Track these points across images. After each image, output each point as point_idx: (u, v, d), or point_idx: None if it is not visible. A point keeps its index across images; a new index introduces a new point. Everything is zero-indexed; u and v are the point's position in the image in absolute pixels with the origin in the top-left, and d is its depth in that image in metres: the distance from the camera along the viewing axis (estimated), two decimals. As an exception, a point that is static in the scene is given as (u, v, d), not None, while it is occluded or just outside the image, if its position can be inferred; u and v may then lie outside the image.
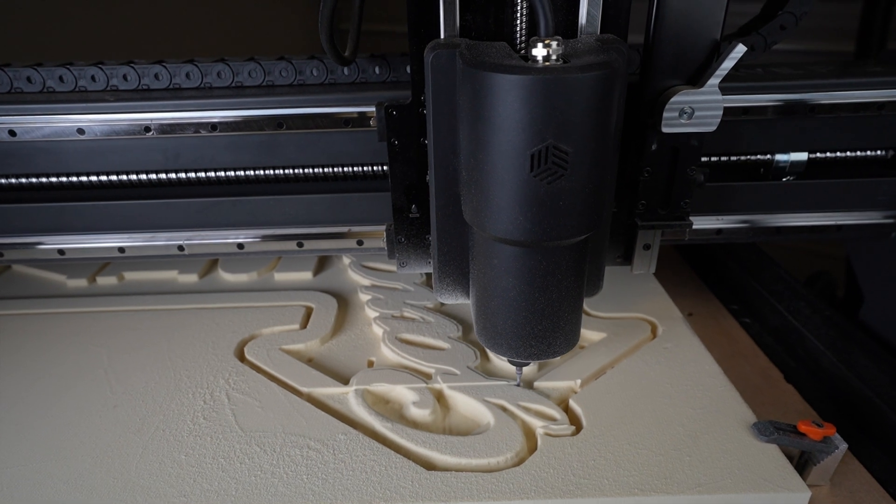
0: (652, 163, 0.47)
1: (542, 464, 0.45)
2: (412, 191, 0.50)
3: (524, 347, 0.44)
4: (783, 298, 0.69)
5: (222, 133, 0.54)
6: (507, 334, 0.44)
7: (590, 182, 0.36)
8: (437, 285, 0.50)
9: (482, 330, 0.46)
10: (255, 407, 0.51)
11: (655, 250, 0.53)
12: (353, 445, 0.47)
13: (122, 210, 0.58)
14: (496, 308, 0.43)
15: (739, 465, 0.44)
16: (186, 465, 0.45)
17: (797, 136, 0.56)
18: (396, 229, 0.52)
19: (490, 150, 0.36)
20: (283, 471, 0.45)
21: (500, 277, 0.41)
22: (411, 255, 0.54)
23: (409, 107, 0.47)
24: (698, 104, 0.43)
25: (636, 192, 0.49)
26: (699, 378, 0.54)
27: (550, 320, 0.43)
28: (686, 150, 0.47)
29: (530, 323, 0.42)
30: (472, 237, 0.44)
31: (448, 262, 0.48)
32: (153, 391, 0.53)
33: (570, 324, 0.44)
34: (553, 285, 0.41)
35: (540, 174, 0.35)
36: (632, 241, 0.53)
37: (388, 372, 0.55)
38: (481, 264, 0.43)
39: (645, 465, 0.44)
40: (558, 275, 0.41)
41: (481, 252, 0.42)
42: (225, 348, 0.59)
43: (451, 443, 0.47)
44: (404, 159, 0.49)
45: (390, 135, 0.48)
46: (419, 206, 0.51)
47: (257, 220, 0.59)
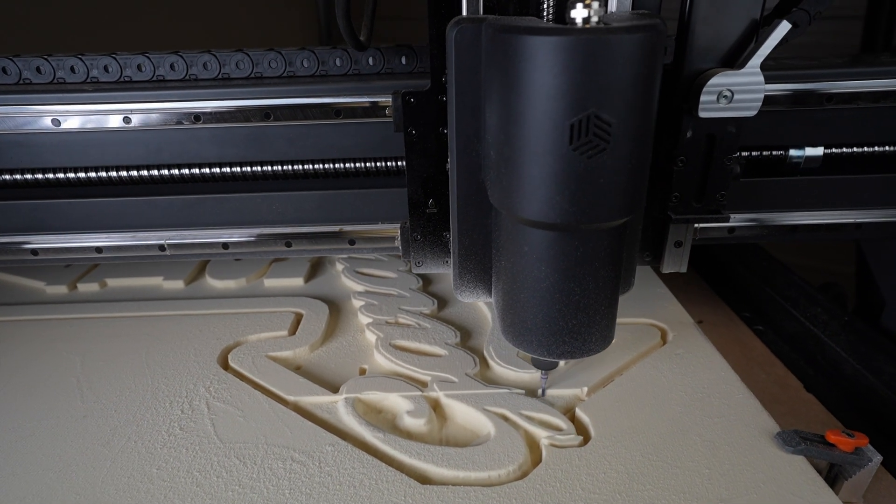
0: (686, 151, 0.44)
1: (548, 477, 0.41)
2: (430, 184, 0.47)
3: (557, 344, 0.40)
4: (798, 304, 0.66)
5: (207, 125, 0.51)
6: (537, 330, 0.40)
7: (632, 158, 0.33)
8: (457, 282, 0.47)
9: (509, 326, 0.42)
10: (236, 417, 0.47)
11: (688, 247, 0.49)
12: (341, 458, 0.43)
13: (99, 208, 0.54)
14: (526, 301, 0.40)
15: (765, 479, 0.40)
16: (158, 480, 0.41)
17: (812, 129, 0.53)
18: (412, 226, 0.49)
19: (525, 122, 0.33)
20: (263, 485, 0.41)
21: (531, 266, 0.38)
22: (427, 254, 0.50)
23: (428, 94, 0.44)
24: (738, 87, 0.40)
25: (669, 184, 0.46)
26: (715, 385, 0.50)
27: (586, 314, 0.39)
28: (723, 138, 0.44)
29: (564, 317, 0.39)
30: (498, 225, 0.41)
31: (469, 256, 0.45)
32: (127, 400, 0.50)
33: (606, 318, 0.40)
34: (589, 275, 0.37)
35: (580, 147, 0.32)
36: (662, 237, 0.49)
37: (381, 380, 0.52)
38: (510, 253, 0.40)
39: (660, 479, 0.40)
40: (595, 263, 0.37)
41: (510, 239, 0.39)
42: (207, 356, 0.56)
43: (448, 455, 0.43)
44: (422, 150, 0.46)
45: (407, 124, 0.45)
46: (437, 201, 0.48)
47: (244, 218, 0.55)
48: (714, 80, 0.40)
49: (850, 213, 0.55)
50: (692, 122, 0.43)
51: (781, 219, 0.55)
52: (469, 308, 0.64)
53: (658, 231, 0.49)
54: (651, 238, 0.50)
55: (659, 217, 0.48)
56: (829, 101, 0.50)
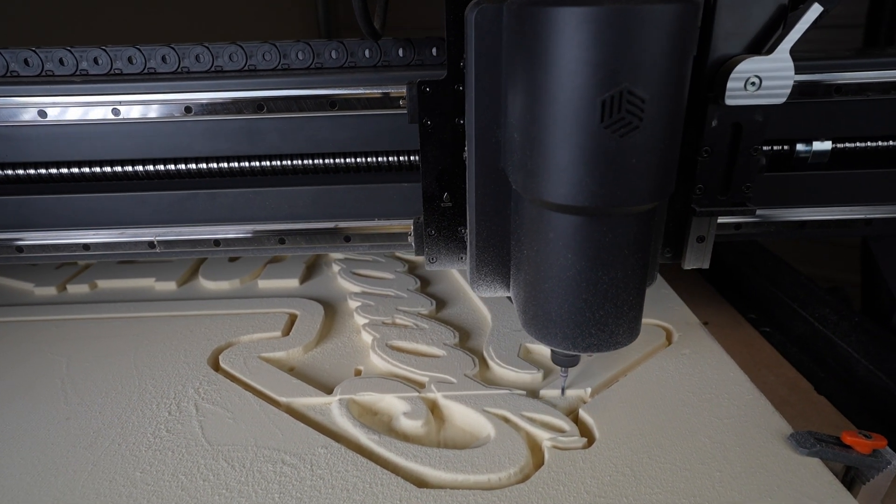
0: (711, 141, 0.43)
1: (551, 480, 0.39)
2: (445, 177, 0.46)
3: (582, 337, 0.38)
4: (807, 305, 0.64)
5: (198, 118, 0.50)
6: (562, 322, 0.38)
7: (665, 137, 0.32)
8: (474, 276, 0.45)
9: (532, 319, 0.40)
10: (225, 419, 0.45)
11: (710, 243, 0.47)
12: (334, 460, 0.41)
13: (87, 203, 0.53)
14: (550, 291, 0.38)
15: (779, 482, 0.38)
16: (141, 484, 0.39)
17: (820, 122, 0.52)
18: (427, 220, 0.47)
19: (553, 100, 0.31)
20: (251, 489, 0.39)
21: (556, 254, 0.36)
22: (442, 250, 0.49)
23: (444, 83, 0.43)
24: (767, 73, 0.38)
25: (693, 176, 0.44)
26: (723, 385, 0.48)
27: (614, 304, 0.37)
28: (750, 127, 0.42)
29: (591, 307, 0.37)
30: (520, 212, 0.39)
31: (487, 248, 0.43)
32: (113, 402, 0.48)
33: (634, 310, 0.39)
34: (618, 262, 0.36)
35: (611, 125, 0.30)
36: (683, 232, 0.47)
37: (377, 381, 0.50)
38: (533, 241, 0.38)
39: (669, 482, 0.38)
40: (624, 250, 0.35)
41: (534, 227, 0.37)
42: (198, 357, 0.54)
43: (446, 457, 0.41)
44: (438, 141, 0.44)
45: (423, 114, 0.44)
46: (452, 195, 0.46)
47: (236, 214, 0.54)
48: (742, 66, 0.38)
49: (859, 209, 0.53)
50: (717, 111, 0.42)
51: (789, 215, 0.53)
52: (468, 309, 0.63)
53: (679, 226, 0.47)
54: (672, 233, 0.48)
55: (681, 210, 0.46)
56: (838, 91, 0.49)
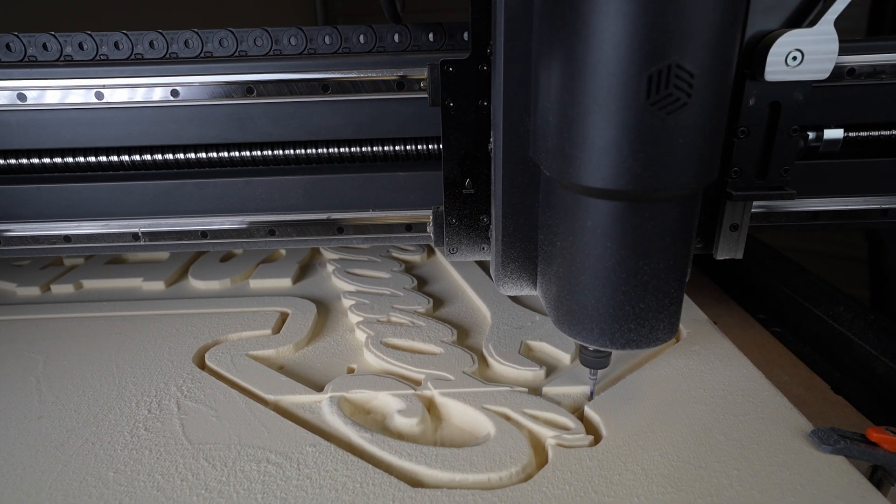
0: (748, 121, 0.41)
1: (556, 479, 0.36)
2: (467, 162, 0.44)
3: (621, 332, 0.36)
4: (819, 303, 0.62)
5: (185, 102, 0.48)
6: (599, 316, 0.36)
7: (713, 116, 0.30)
8: (499, 273, 0.43)
9: (566, 314, 0.38)
10: (208, 416, 0.43)
11: (744, 231, 0.44)
12: (323, 459, 0.38)
13: (68, 193, 0.51)
14: (587, 284, 0.35)
15: (802, 481, 0.35)
16: (114, 484, 0.36)
17: (831, 108, 0.50)
18: (447, 209, 0.45)
19: (594, 76, 0.29)
20: (232, 489, 0.36)
21: (594, 244, 0.34)
22: (463, 240, 0.46)
23: (468, 63, 0.41)
24: (809, 46, 0.36)
25: (728, 158, 0.42)
26: (737, 382, 0.45)
27: (654, 297, 0.35)
28: (789, 105, 0.40)
29: (630, 300, 0.35)
30: (552, 203, 0.37)
31: (513, 243, 0.41)
32: (90, 400, 0.45)
33: (675, 303, 0.36)
34: (660, 251, 0.33)
35: (658, 102, 0.28)
36: (715, 220, 0.45)
37: (371, 378, 0.47)
38: (569, 231, 0.36)
39: (683, 480, 0.36)
40: (667, 238, 0.33)
41: (570, 216, 0.35)
42: (183, 354, 0.51)
43: (443, 456, 0.38)
44: (460, 124, 0.42)
45: (445, 96, 0.42)
46: (475, 181, 0.44)
47: (224, 205, 0.52)
48: (783, 39, 0.36)
49: (875, 199, 0.51)
50: (755, 89, 0.40)
51: (801, 204, 0.51)
52: (466, 307, 0.60)
53: (711, 213, 0.45)
54: (703, 222, 0.45)
55: (713, 196, 0.44)
56: (850, 74, 0.47)
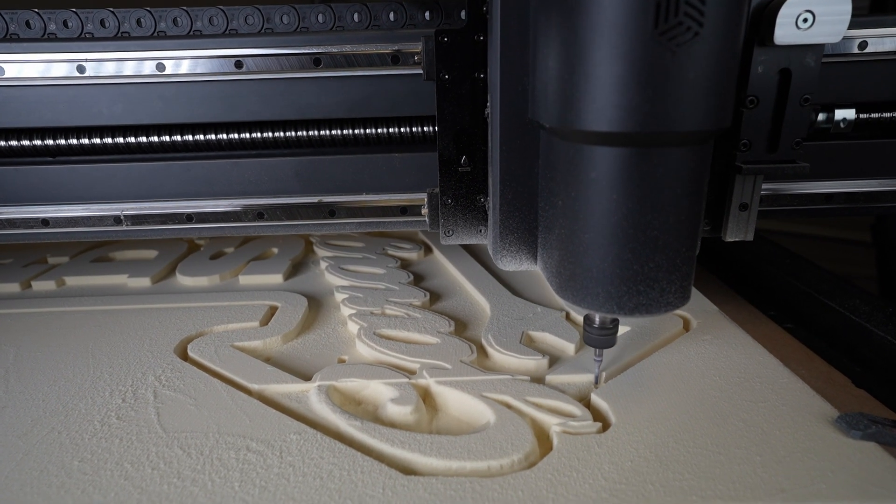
0: (757, 90, 0.39)
1: (562, 466, 0.33)
2: (463, 138, 0.42)
3: (629, 295, 0.33)
4: (833, 297, 0.59)
5: (171, 78, 0.46)
6: (605, 278, 0.33)
7: (727, 50, 0.28)
8: (497, 246, 0.40)
9: (568, 281, 0.35)
10: (186, 405, 0.40)
11: (754, 211, 0.42)
12: (308, 447, 0.35)
13: (49, 176, 0.48)
14: (591, 243, 0.33)
15: (832, 467, 0.32)
16: (77, 473, 0.33)
17: (843, 85, 0.48)
18: (443, 188, 0.43)
19: (597, 5, 0.28)
20: (207, 477, 0.33)
21: (598, 197, 0.31)
22: (459, 221, 0.44)
23: (464, 33, 0.39)
24: (821, 7, 0.35)
25: (737, 130, 0.40)
26: (753, 369, 0.43)
27: (665, 255, 0.32)
28: (800, 72, 0.38)
29: (639, 258, 0.32)
30: (553, 163, 0.35)
31: (512, 212, 0.39)
32: (60, 390, 0.42)
33: (687, 264, 0.33)
34: (670, 203, 0.31)
35: (667, 32, 0.26)
36: (724, 200, 0.43)
37: (362, 367, 0.44)
38: (571, 188, 0.33)
39: (701, 467, 0.32)
40: (677, 188, 0.31)
41: (572, 170, 0.33)
42: (164, 345, 0.48)
43: (439, 443, 0.35)
44: (456, 98, 0.41)
45: (440, 68, 0.40)
46: (471, 158, 0.42)
47: (211, 188, 0.49)
48: (793, 0, 0.35)
49: (891, 182, 0.49)
50: (764, 55, 0.38)
51: (813, 187, 0.49)
52: (465, 301, 0.57)
53: (719, 193, 0.42)
54: (711, 202, 0.43)
55: (721, 172, 0.41)
56: (863, 48, 0.45)
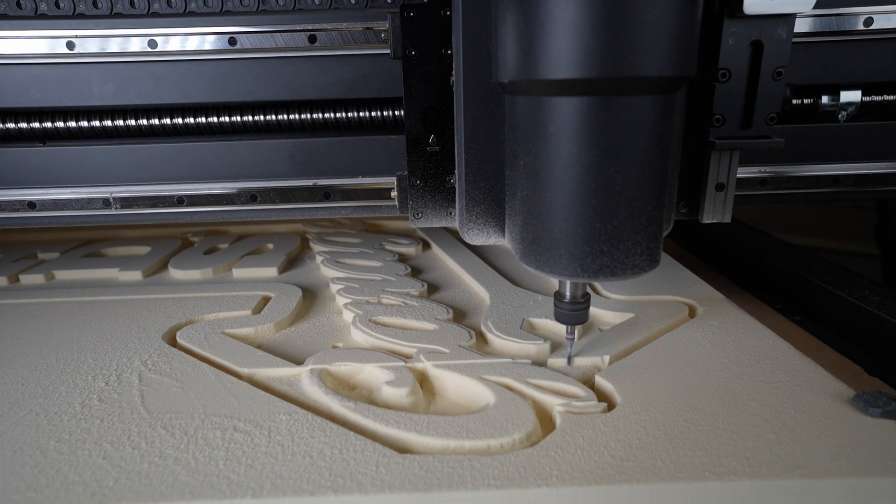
0: (729, 63, 0.38)
1: (566, 444, 0.31)
2: (431, 116, 0.41)
3: (592, 256, 0.31)
4: (841, 287, 0.57)
5: (163, 56, 0.45)
6: (567, 238, 0.32)
7: None
8: (464, 218, 0.39)
9: (531, 245, 0.34)
10: (172, 388, 0.38)
11: (731, 192, 0.41)
12: (298, 427, 0.33)
13: (34, 158, 0.47)
14: (552, 202, 0.32)
15: (851, 443, 0.30)
16: (53, 453, 0.31)
17: (848, 65, 0.47)
18: (411, 168, 0.42)
19: None
20: (191, 456, 0.31)
21: (558, 151, 0.30)
22: (428, 203, 0.43)
23: (429, 7, 0.39)
24: None
25: (709, 104, 0.39)
26: (764, 352, 0.41)
27: (628, 212, 0.31)
28: (772, 44, 0.37)
29: (602, 215, 0.31)
30: (515, 122, 0.34)
31: (478, 182, 0.37)
32: (41, 375, 0.40)
33: (653, 224, 0.32)
34: (633, 157, 0.30)
35: None
36: (700, 181, 0.41)
37: (356, 352, 0.42)
38: (531, 143, 0.32)
39: (713, 444, 0.31)
40: (639, 141, 0.30)
41: (532, 125, 0.32)
42: (152, 332, 0.47)
43: (436, 423, 0.33)
44: (423, 74, 0.40)
45: (407, 44, 0.39)
46: (440, 137, 0.41)
47: (204, 171, 0.48)
48: None
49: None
50: (734, 27, 0.37)
51: (820, 169, 0.48)
52: (463, 292, 0.56)
53: (695, 174, 0.41)
54: (687, 184, 0.42)
55: (696, 150, 0.40)
56: (868, 25, 0.44)
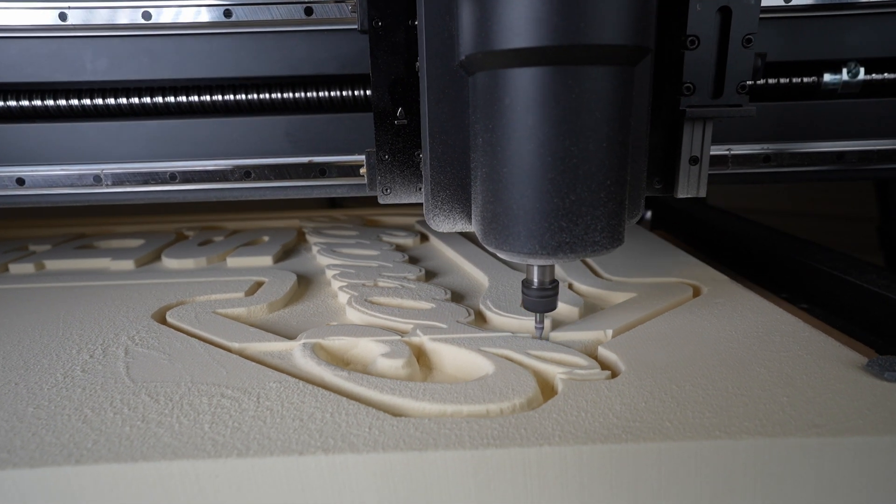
0: (697, 29, 0.37)
1: (569, 407, 0.30)
2: (399, 88, 0.40)
3: (551, 232, 0.30)
4: (849, 272, 0.56)
5: (157, 31, 0.44)
6: (525, 214, 0.31)
7: None
8: (429, 203, 0.38)
9: (490, 223, 0.33)
10: (159, 360, 0.37)
11: (705, 165, 0.40)
12: (289, 393, 0.32)
13: (23, 134, 0.46)
14: (509, 177, 0.31)
15: (868, 405, 0.29)
16: (31, 419, 0.30)
17: (849, 44, 0.46)
18: (379, 142, 0.41)
19: None
20: (175, 420, 0.29)
21: (515, 124, 0.30)
22: (397, 178, 0.41)
23: None
24: None
25: (679, 73, 0.38)
26: (772, 325, 0.40)
27: (587, 187, 0.30)
28: (740, 10, 0.37)
29: (558, 189, 0.30)
30: (476, 101, 0.33)
31: (443, 167, 0.36)
32: (23, 349, 0.39)
33: (613, 200, 0.31)
34: (590, 129, 0.29)
35: None
36: (674, 155, 0.41)
37: (351, 327, 0.41)
38: (490, 118, 0.31)
39: (722, 407, 0.29)
40: (596, 112, 0.29)
41: (490, 99, 0.31)
42: (141, 312, 0.45)
43: (432, 390, 0.32)
44: (390, 46, 0.39)
45: (373, 14, 0.38)
46: (407, 110, 0.40)
47: (199, 149, 0.47)
48: None
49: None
50: None
51: (824, 145, 0.47)
52: (462, 278, 0.55)
53: (668, 149, 0.41)
54: (660, 159, 0.41)
55: (669, 122, 0.40)
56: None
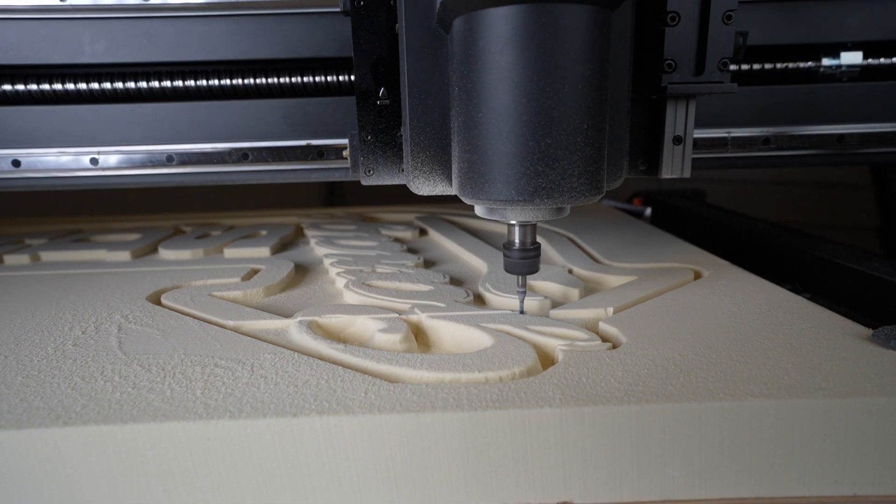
0: (678, 5, 0.37)
1: (569, 374, 0.29)
2: (381, 68, 0.40)
3: (528, 177, 0.30)
4: (851, 261, 0.56)
5: (156, 13, 0.44)
6: (501, 158, 0.30)
7: None
8: (410, 166, 0.38)
9: (467, 172, 0.32)
10: (152, 336, 0.36)
11: (689, 144, 0.40)
12: (284, 363, 0.31)
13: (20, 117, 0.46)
14: (485, 122, 0.30)
15: (874, 371, 0.29)
16: (20, 387, 0.29)
17: (848, 25, 0.47)
18: (361, 123, 0.40)
19: None
20: (166, 387, 0.29)
21: (490, 67, 0.29)
22: (380, 159, 0.41)
23: None
24: None
25: (660, 49, 0.38)
26: (776, 302, 0.39)
27: (563, 129, 0.30)
28: None
29: (535, 132, 0.29)
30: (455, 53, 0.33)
31: (423, 128, 0.36)
32: (15, 328, 0.38)
33: (590, 146, 0.31)
34: (565, 69, 0.29)
35: None
36: (657, 136, 0.40)
37: (349, 306, 0.41)
38: (465, 64, 0.31)
39: (726, 372, 0.29)
40: (571, 52, 0.29)
41: (465, 43, 0.31)
42: (136, 295, 0.45)
43: (430, 360, 0.31)
44: (372, 25, 0.39)
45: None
46: (389, 90, 0.40)
47: (197, 132, 0.47)
48: None
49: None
50: None
51: (824, 128, 0.47)
52: (461, 266, 0.54)
53: (652, 129, 0.40)
54: (644, 140, 0.41)
55: (652, 101, 0.39)
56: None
